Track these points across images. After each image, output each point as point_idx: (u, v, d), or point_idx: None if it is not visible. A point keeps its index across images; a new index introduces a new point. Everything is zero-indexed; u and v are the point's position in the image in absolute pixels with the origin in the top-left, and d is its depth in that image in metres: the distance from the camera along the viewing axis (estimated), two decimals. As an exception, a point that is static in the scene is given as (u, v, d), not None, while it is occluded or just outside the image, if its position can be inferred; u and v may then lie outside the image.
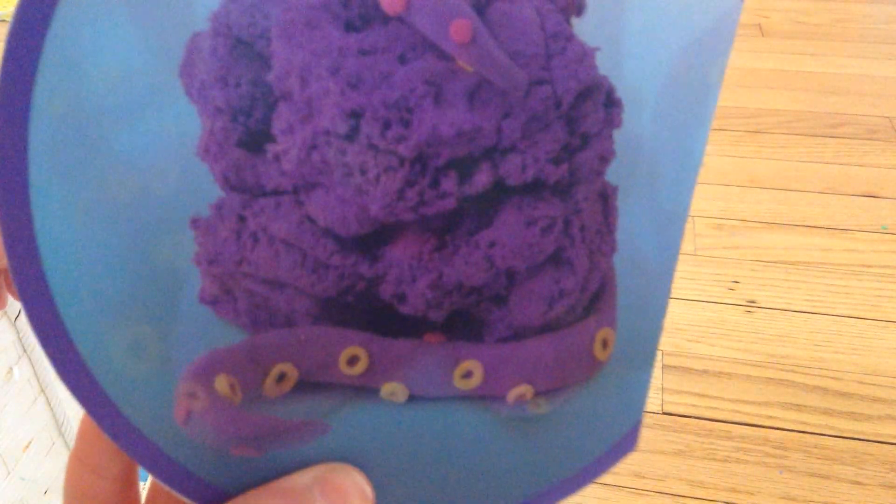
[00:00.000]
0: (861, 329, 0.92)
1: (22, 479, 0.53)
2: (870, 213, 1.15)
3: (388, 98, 0.19)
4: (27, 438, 0.55)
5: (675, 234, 0.24)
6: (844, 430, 0.79)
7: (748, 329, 0.93)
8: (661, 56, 0.22)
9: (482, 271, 0.22)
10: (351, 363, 0.22)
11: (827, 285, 1.00)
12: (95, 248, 0.19)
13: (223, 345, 0.20)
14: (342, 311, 0.21)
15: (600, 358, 0.24)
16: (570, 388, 0.24)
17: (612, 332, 0.24)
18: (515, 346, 0.23)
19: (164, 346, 0.20)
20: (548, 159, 0.21)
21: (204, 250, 0.20)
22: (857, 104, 1.50)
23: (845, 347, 0.90)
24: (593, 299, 0.23)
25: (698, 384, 0.85)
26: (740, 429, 0.79)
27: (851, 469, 0.74)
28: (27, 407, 0.55)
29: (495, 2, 0.20)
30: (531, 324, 0.23)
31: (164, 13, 0.18)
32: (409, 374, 0.23)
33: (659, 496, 0.72)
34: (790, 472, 0.74)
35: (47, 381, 0.57)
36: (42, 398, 0.57)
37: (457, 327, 0.23)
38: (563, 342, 0.23)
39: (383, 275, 0.21)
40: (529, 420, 0.24)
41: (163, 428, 0.21)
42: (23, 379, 0.55)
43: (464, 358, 0.23)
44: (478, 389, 0.23)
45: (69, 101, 0.18)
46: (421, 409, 0.23)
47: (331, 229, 0.20)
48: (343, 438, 0.23)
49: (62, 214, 0.19)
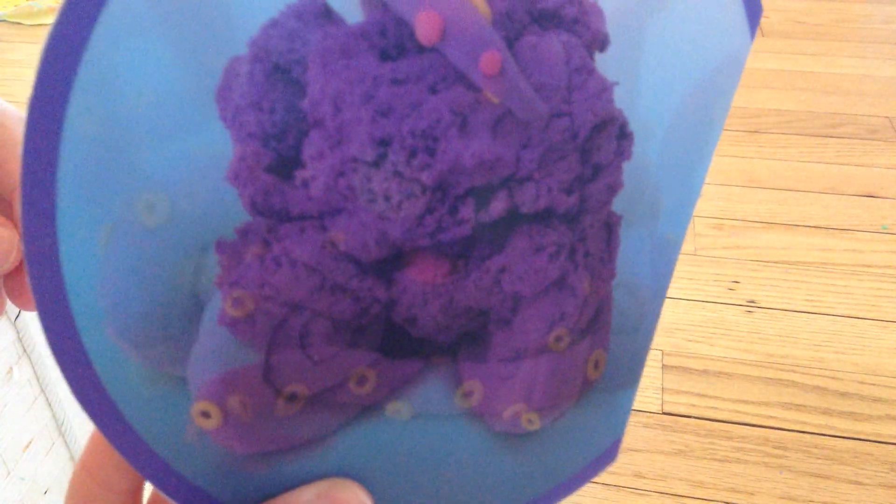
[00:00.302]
0: (861, 329, 0.92)
1: (22, 479, 0.53)
2: (870, 213, 1.15)
3: (416, 127, 0.20)
4: (27, 438, 0.55)
5: (670, 261, 0.25)
6: (844, 430, 0.79)
7: (748, 329, 0.93)
8: (673, 91, 0.22)
9: (491, 295, 0.22)
10: (360, 383, 0.22)
11: (827, 285, 1.00)
12: (119, 269, 0.19)
13: (238, 364, 0.21)
14: (355, 333, 0.22)
15: (591, 378, 0.25)
16: (562, 405, 0.25)
17: (604, 353, 0.25)
18: (514, 367, 0.24)
19: (181, 366, 0.20)
20: (560, 189, 0.22)
21: (227, 273, 0.20)
22: (857, 104, 1.50)
23: (845, 347, 0.90)
24: (589, 323, 0.24)
25: (698, 384, 0.85)
26: (740, 429, 0.79)
27: (851, 469, 0.74)
28: (27, 407, 0.55)
29: (525, 35, 0.20)
30: (532, 346, 0.24)
31: (204, 37, 0.18)
32: (415, 393, 0.23)
33: (659, 496, 0.72)
34: (790, 472, 0.74)
35: (47, 381, 0.57)
36: (42, 398, 0.57)
37: (462, 348, 0.23)
38: (558, 363, 0.24)
39: (398, 298, 0.22)
40: (521, 435, 0.25)
41: (174, 446, 0.21)
42: (23, 379, 0.55)
43: (466, 378, 0.24)
44: (476, 407, 0.24)
45: (102, 122, 0.18)
46: (421, 424, 0.24)
47: (351, 254, 0.21)
48: (347, 454, 0.23)
49: (87, 235, 0.19)
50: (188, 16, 0.18)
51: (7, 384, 0.52)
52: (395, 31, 0.19)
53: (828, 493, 0.72)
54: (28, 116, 0.18)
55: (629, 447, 0.77)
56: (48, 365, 0.56)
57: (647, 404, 0.82)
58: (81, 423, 0.62)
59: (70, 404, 0.60)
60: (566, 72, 0.21)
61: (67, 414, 0.59)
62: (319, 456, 0.23)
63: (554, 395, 0.25)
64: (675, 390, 0.84)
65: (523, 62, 0.20)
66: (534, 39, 0.20)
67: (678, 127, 0.23)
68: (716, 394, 0.83)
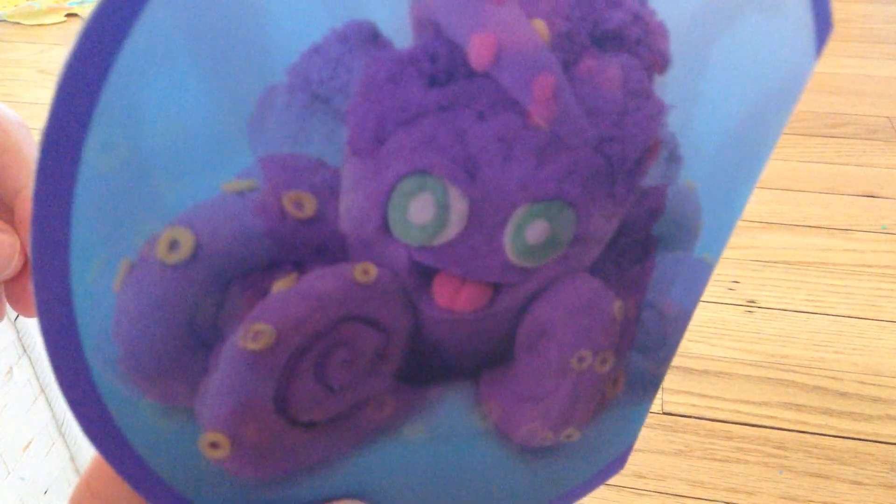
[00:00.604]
0: (861, 329, 0.92)
1: (22, 479, 0.53)
2: (870, 213, 1.15)
3: (459, 155, 0.19)
4: (27, 438, 0.55)
5: (702, 282, 0.24)
6: (844, 430, 0.79)
7: (748, 329, 0.93)
8: (730, 113, 0.21)
9: (520, 321, 0.22)
10: (378, 408, 0.22)
11: (827, 285, 1.00)
12: (136, 307, 0.18)
13: (252, 394, 0.20)
14: (376, 360, 0.21)
15: (610, 396, 0.24)
16: (578, 422, 0.24)
17: (623, 372, 0.24)
18: (535, 386, 0.23)
19: (191, 399, 0.20)
20: (602, 215, 0.21)
21: (249, 306, 0.19)
22: (857, 104, 1.50)
23: (845, 347, 0.90)
24: (614, 343, 0.23)
25: (698, 384, 0.85)
26: (740, 429, 0.79)
27: (851, 469, 0.74)
28: (27, 407, 0.55)
29: (584, 59, 0.19)
30: (555, 367, 0.23)
31: (239, 65, 0.17)
32: (433, 416, 0.23)
33: (659, 496, 0.72)
34: (790, 472, 0.74)
35: (47, 381, 0.57)
36: (42, 398, 0.57)
37: (484, 371, 0.23)
38: (579, 383, 0.23)
39: (423, 327, 0.21)
40: (534, 449, 0.24)
41: (185, 476, 0.20)
42: (23, 379, 0.55)
43: (486, 400, 0.23)
44: (494, 426, 0.23)
45: (123, 156, 0.17)
46: (437, 444, 0.23)
47: (379, 284, 0.20)
48: (360, 474, 0.23)
49: (103, 272, 0.18)
50: (223, 42, 0.17)
51: (7, 384, 0.52)
52: (447, 56, 0.18)
53: (828, 493, 0.72)
54: (41, 151, 0.16)
55: (629, 447, 0.77)
56: (48, 365, 0.56)
57: (647, 404, 0.82)
58: (81, 423, 0.62)
59: (70, 404, 0.60)
60: (622, 96, 0.20)
61: (67, 414, 0.59)
62: (333, 476, 0.22)
63: (571, 413, 0.24)
64: (676, 390, 0.84)
65: (579, 87, 0.19)
66: (592, 64, 0.19)
67: (729, 149, 0.22)
68: (716, 394, 0.83)
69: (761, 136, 0.22)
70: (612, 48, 0.19)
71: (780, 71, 0.21)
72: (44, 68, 1.66)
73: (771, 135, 0.22)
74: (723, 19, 0.20)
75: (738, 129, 0.22)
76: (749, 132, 0.22)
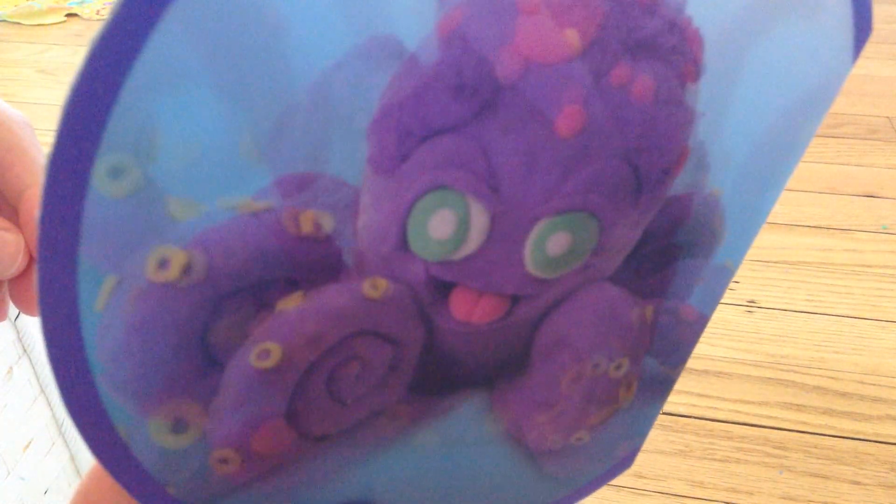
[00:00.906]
0: (861, 329, 0.92)
1: (22, 479, 0.53)
2: (870, 213, 1.15)
3: (482, 169, 0.18)
4: (27, 438, 0.55)
5: (722, 287, 0.24)
6: (844, 430, 0.79)
7: (748, 329, 0.93)
8: (761, 120, 0.21)
9: (536, 331, 0.21)
10: (391, 419, 0.21)
11: (827, 285, 1.00)
12: (145, 330, 0.18)
13: (263, 411, 0.20)
14: (388, 373, 0.21)
15: (622, 400, 0.24)
16: (588, 425, 0.24)
17: (636, 377, 0.24)
18: (549, 394, 0.23)
19: (205, 419, 0.19)
20: (625, 224, 0.20)
21: (260, 324, 0.19)
22: (857, 104, 1.50)
23: (845, 347, 0.90)
24: (629, 349, 0.23)
25: (698, 384, 0.85)
26: (740, 429, 0.79)
27: (851, 469, 0.74)
28: (27, 407, 0.55)
29: (617, 67, 0.18)
30: (571, 373, 0.22)
31: (258, 85, 0.16)
32: (446, 425, 0.22)
33: (659, 496, 0.72)
34: (790, 472, 0.74)
35: (47, 381, 0.57)
36: (42, 398, 0.57)
37: (498, 380, 0.22)
38: (592, 391, 0.23)
39: (438, 339, 0.21)
40: (545, 451, 0.24)
41: (194, 489, 0.20)
42: (23, 379, 0.55)
43: (497, 408, 0.23)
44: (505, 430, 0.23)
45: (135, 181, 0.16)
46: (448, 451, 0.23)
47: (394, 300, 0.20)
48: (372, 478, 0.22)
49: (112, 296, 0.17)
50: (241, 59, 0.16)
51: (7, 384, 0.52)
52: (474, 69, 0.17)
53: (828, 493, 0.72)
54: (47, 176, 0.15)
55: (629, 447, 0.77)
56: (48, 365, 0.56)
57: (647, 404, 0.82)
58: (81, 423, 0.62)
59: (70, 404, 0.60)
60: (652, 106, 0.19)
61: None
62: (344, 482, 0.22)
63: (584, 418, 0.24)
64: (675, 390, 0.84)
65: (609, 97, 0.18)
66: (625, 73, 0.18)
67: (759, 155, 0.21)
68: (716, 394, 0.83)
69: (792, 141, 0.21)
70: (645, 56, 0.18)
71: (815, 75, 0.20)
72: (44, 68, 1.66)
73: (802, 140, 0.21)
74: (761, 24, 0.19)
75: (770, 134, 0.21)
76: (780, 137, 0.21)
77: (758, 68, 0.20)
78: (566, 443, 0.24)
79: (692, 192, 0.21)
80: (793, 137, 0.21)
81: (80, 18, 1.96)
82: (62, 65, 1.68)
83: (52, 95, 1.52)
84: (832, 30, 0.20)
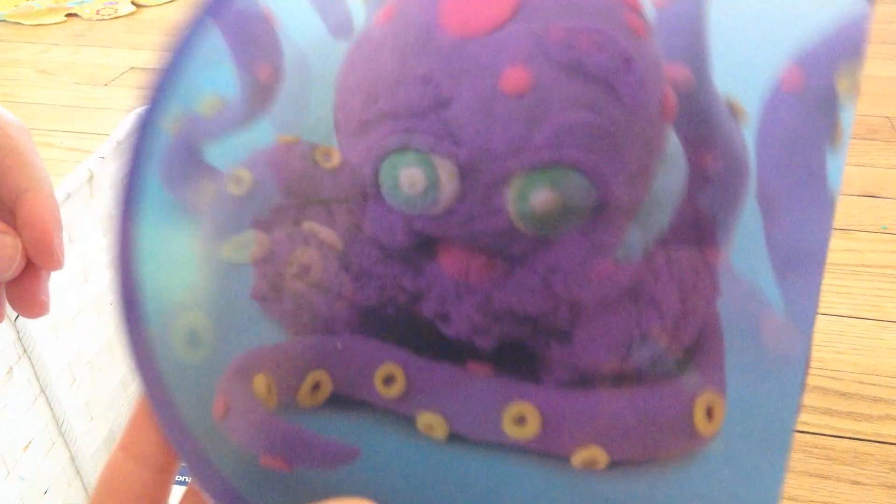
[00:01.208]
0: (861, 329, 0.92)
1: (21, 479, 0.53)
2: (870, 213, 1.15)
3: (442, 118, 0.20)
4: (27, 438, 0.55)
5: (813, 276, 0.19)
6: (844, 430, 0.79)
7: (748, 329, 0.93)
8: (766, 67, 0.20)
9: (539, 299, 0.19)
10: (387, 383, 0.20)
11: (827, 285, 1.00)
12: (178, 244, 0.21)
13: (267, 343, 0.21)
14: (383, 325, 0.20)
15: (703, 431, 0.18)
16: (662, 462, 0.19)
17: (719, 398, 0.19)
18: (582, 396, 0.19)
19: (216, 336, 0.21)
20: (621, 178, 0.19)
21: (260, 249, 0.21)
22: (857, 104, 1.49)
23: (845, 347, 0.90)
24: (690, 352, 0.19)
25: (698, 384, 0.85)
26: (740, 429, 0.79)
27: (851, 469, 0.74)
28: (27, 407, 0.55)
29: (552, 27, 0.19)
30: (602, 370, 0.19)
31: (262, 58, 0.22)
32: (450, 405, 0.20)
33: (659, 496, 0.72)
34: (790, 472, 0.74)
35: (47, 381, 0.57)
36: (42, 398, 0.57)
37: (509, 361, 0.20)
38: (648, 401, 0.19)
39: (427, 290, 0.20)
40: (601, 495, 0.19)
41: (205, 425, 0.20)
42: (23, 379, 0.55)
43: (515, 398, 0.19)
44: (535, 441, 0.19)
45: (181, 123, 0.22)
46: (465, 451, 0.20)
47: (377, 240, 0.20)
48: (375, 468, 0.20)
49: (162, 215, 0.21)
50: (251, 47, 0.23)
51: (7, 384, 0.52)
52: (422, 27, 0.20)
53: (828, 493, 0.72)
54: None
55: (629, 447, 0.77)
56: (48, 365, 0.56)
57: (647, 404, 0.82)
58: (82, 424, 0.62)
59: (70, 404, 0.60)
60: (608, 59, 0.19)
61: (67, 414, 0.59)
62: (348, 467, 0.20)
63: (644, 444, 0.19)
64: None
65: (554, 53, 0.19)
66: (560, 31, 0.19)
67: (787, 107, 0.19)
68: (716, 394, 0.83)
69: (829, 89, 0.19)
70: (581, 14, 0.19)
71: (823, 15, 0.19)
72: (44, 68, 1.66)
73: (844, 87, 0.19)
74: None
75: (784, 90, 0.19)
76: (812, 89, 0.19)
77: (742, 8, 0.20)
78: (633, 485, 0.19)
79: (706, 144, 0.19)
80: (830, 87, 0.19)
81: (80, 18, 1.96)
82: (62, 65, 1.68)
83: (52, 95, 1.52)
84: None
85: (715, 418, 0.19)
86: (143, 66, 1.72)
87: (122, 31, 1.92)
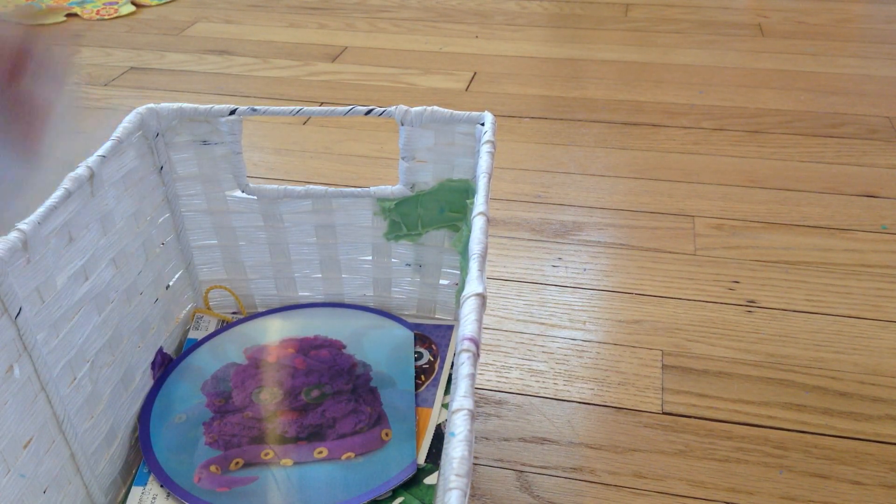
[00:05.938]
0: (861, 329, 0.92)
1: (22, 476, 0.54)
2: (870, 213, 1.15)
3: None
4: (27, 436, 0.55)
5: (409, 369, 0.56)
6: (844, 430, 0.79)
7: (748, 329, 0.93)
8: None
9: (322, 420, 0.65)
10: (266, 455, 0.62)
11: (827, 285, 1.00)
12: (170, 437, 0.43)
13: (212, 455, 0.49)
14: (268, 436, 0.64)
15: (385, 440, 0.63)
16: (371, 452, 0.63)
17: (389, 429, 0.64)
18: (343, 440, 0.64)
19: (191, 455, 0.45)
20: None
21: (208, 429, 0.63)
22: (857, 104, 1.50)
23: (845, 347, 0.90)
24: (377, 420, 0.65)
25: (698, 384, 0.85)
26: (740, 429, 0.79)
27: (851, 469, 0.74)
28: (27, 405, 0.55)
29: None
30: (348, 433, 0.64)
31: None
32: (294, 454, 0.62)
33: (659, 496, 0.72)
34: (790, 472, 0.74)
35: (47, 379, 0.57)
36: (42, 396, 0.57)
37: (315, 436, 0.64)
38: (364, 438, 0.64)
39: (278, 428, 0.53)
40: (349, 466, 0.61)
41: (186, 481, 0.41)
42: (23, 377, 0.55)
43: (318, 446, 0.63)
44: (324, 458, 0.62)
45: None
46: (298, 469, 0.61)
47: (255, 419, 0.51)
48: (262, 487, 0.59)
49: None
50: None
51: (7, 382, 0.52)
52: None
53: (828, 493, 0.72)
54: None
55: (629, 447, 0.77)
56: (48, 363, 0.56)
57: (648, 404, 0.82)
58: (82, 422, 0.62)
59: (70, 402, 0.60)
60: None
61: (68, 412, 0.59)
62: (252, 487, 0.59)
63: (364, 449, 0.63)
64: (675, 390, 0.84)
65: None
66: None
67: None
68: (716, 394, 0.83)
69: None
70: None
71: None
72: (44, 68, 1.66)
73: None
74: None
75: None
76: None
77: None
78: (362, 459, 0.66)
79: None
80: None
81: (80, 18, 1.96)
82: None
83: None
84: None
85: (388, 436, 0.61)
86: (143, 66, 1.72)
87: (122, 31, 1.92)
